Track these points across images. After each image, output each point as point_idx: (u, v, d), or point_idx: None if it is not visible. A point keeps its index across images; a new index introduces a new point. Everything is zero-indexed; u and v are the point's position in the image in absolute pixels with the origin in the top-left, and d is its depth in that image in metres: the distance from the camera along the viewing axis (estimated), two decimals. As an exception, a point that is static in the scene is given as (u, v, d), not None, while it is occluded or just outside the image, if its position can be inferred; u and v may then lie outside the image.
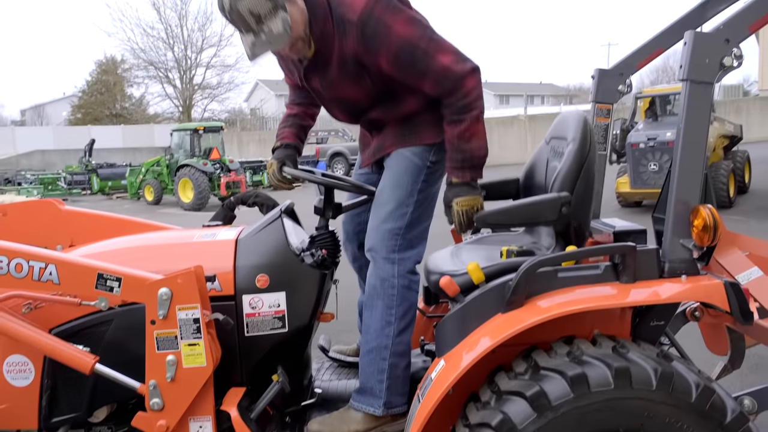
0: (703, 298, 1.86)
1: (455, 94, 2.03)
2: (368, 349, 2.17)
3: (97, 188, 20.95)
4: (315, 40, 2.09)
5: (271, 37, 1.96)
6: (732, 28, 1.85)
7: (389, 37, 1.98)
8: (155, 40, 37.43)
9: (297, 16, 2.01)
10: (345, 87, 2.16)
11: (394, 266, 2.15)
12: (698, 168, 1.89)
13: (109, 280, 1.95)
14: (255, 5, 1.91)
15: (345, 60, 2.07)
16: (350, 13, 1.99)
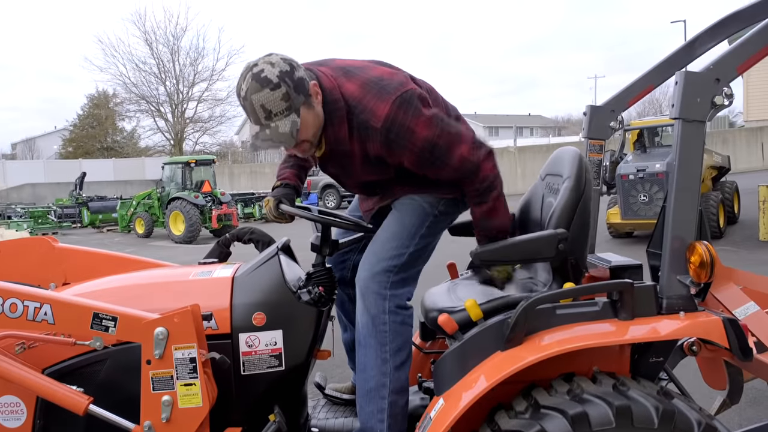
0: (702, 335, 1.87)
1: (475, 179, 2.12)
2: (367, 389, 2.14)
3: (88, 221, 20.86)
4: (327, 142, 2.13)
5: (275, 135, 1.97)
6: (721, 67, 1.89)
7: (411, 140, 2.03)
8: (147, 75, 37.72)
9: (309, 121, 2.03)
10: (367, 175, 2.24)
11: (385, 302, 2.13)
12: (693, 204, 1.91)
13: (105, 320, 1.93)
14: (269, 102, 1.92)
15: (368, 159, 2.13)
16: (374, 120, 2.01)
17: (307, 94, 1.99)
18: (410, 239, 2.20)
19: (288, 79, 1.93)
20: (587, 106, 2.79)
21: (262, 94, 1.91)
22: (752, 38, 1.91)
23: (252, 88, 1.92)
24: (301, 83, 1.97)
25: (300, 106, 1.97)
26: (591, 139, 2.77)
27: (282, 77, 1.92)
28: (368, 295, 2.16)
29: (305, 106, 1.99)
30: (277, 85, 1.91)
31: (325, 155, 2.16)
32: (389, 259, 2.18)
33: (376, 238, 2.27)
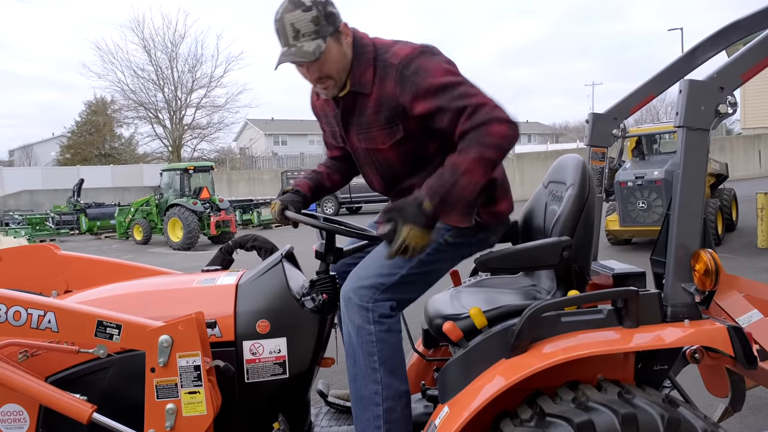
0: (706, 343, 1.87)
1: (478, 128, 1.92)
2: (359, 397, 2.09)
3: (86, 228, 20.83)
4: (353, 83, 2.13)
5: (299, 52, 2.01)
6: (726, 76, 1.90)
7: (426, 78, 2.00)
8: (145, 82, 37.69)
9: (334, 54, 2.06)
10: (377, 135, 2.15)
11: (369, 313, 2.07)
12: (697, 212, 1.92)
13: (109, 328, 1.93)
14: (299, 22, 2.00)
15: (381, 103, 2.09)
16: (393, 58, 2.06)
17: (336, 28, 2.06)
18: (406, 261, 2.05)
19: (321, 6, 2.03)
20: (589, 114, 2.80)
21: (294, 13, 2.00)
22: (756, 46, 1.91)
23: (286, 9, 2.02)
24: (332, 16, 2.06)
25: (328, 35, 2.03)
26: (593, 147, 2.78)
27: (315, 3, 2.02)
28: (350, 307, 2.10)
29: (333, 38, 2.05)
30: (309, 7, 2.00)
31: (348, 98, 2.16)
32: (377, 276, 2.10)
33: (373, 251, 2.22)
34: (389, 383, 2.06)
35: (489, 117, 1.93)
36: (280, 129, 57.90)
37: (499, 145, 1.92)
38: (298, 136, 57.48)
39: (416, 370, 2.70)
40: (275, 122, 58.09)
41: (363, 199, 22.99)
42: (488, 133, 1.91)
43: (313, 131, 56.88)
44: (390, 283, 2.10)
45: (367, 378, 2.06)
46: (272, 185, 30.26)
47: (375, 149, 2.20)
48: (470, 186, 1.91)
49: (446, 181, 1.90)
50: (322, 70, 2.07)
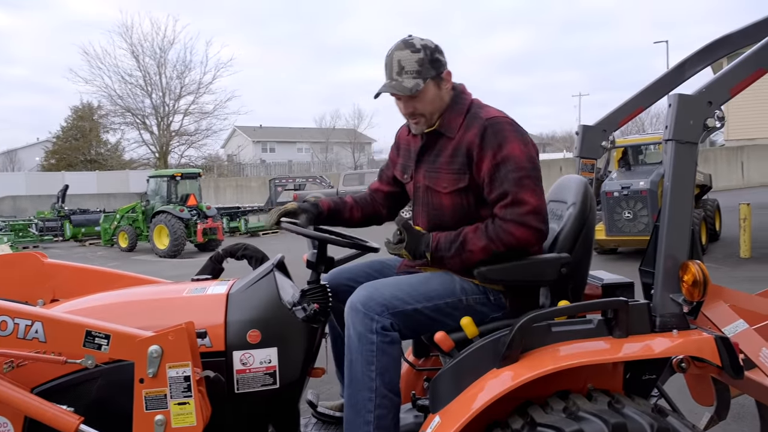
0: (695, 353, 1.89)
1: (506, 222, 2.07)
2: (353, 402, 2.11)
3: (70, 235, 20.61)
4: (441, 124, 2.26)
5: (398, 86, 2.18)
6: (714, 90, 1.93)
7: (502, 145, 2.11)
8: (133, 87, 37.46)
9: (430, 95, 2.22)
10: (444, 178, 2.23)
11: (372, 323, 2.09)
12: (686, 224, 1.94)
13: (98, 338, 1.91)
14: (405, 59, 2.18)
15: (459, 148, 2.20)
16: (484, 114, 2.19)
17: (439, 73, 2.22)
18: (425, 299, 2.13)
19: (428, 52, 2.20)
20: (580, 126, 2.84)
21: (403, 52, 2.19)
22: (744, 62, 1.95)
23: (398, 47, 2.21)
24: (438, 62, 2.23)
25: (428, 77, 2.19)
26: (583, 158, 2.81)
27: (424, 47, 2.20)
28: (355, 314, 2.12)
29: (433, 81, 2.21)
30: (417, 50, 2.18)
31: (431, 135, 2.29)
32: (392, 298, 2.11)
33: (393, 278, 2.26)
34: (383, 393, 2.07)
35: (521, 218, 2.07)
36: (269, 136, 57.82)
37: (513, 246, 2.08)
38: (287, 144, 57.44)
39: (407, 379, 2.69)
40: (263, 129, 58.00)
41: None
42: (510, 233, 2.07)
43: (301, 139, 56.94)
44: (401, 309, 2.12)
45: (362, 385, 2.07)
46: (260, 192, 30.18)
47: (435, 191, 2.28)
48: (466, 262, 2.14)
49: (450, 248, 2.15)
50: (416, 107, 2.23)
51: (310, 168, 42.69)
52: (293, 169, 41.29)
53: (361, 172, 26.46)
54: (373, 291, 2.13)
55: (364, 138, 53.77)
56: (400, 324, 2.11)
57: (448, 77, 2.26)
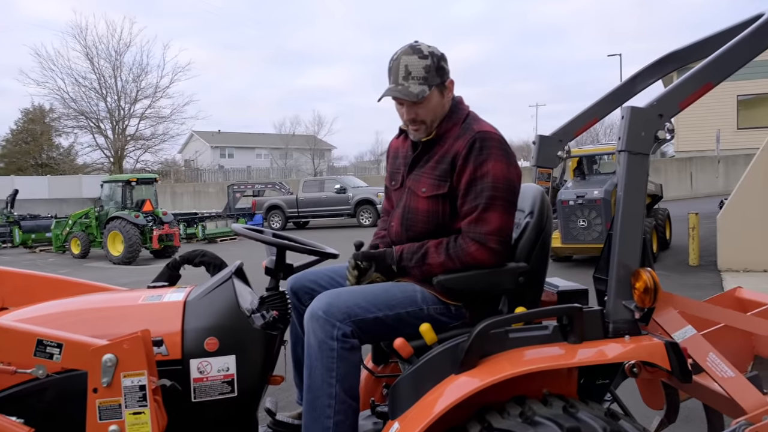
0: (646, 358, 1.94)
1: (467, 241, 2.14)
2: (311, 408, 2.09)
3: (20, 241, 19.92)
4: (438, 132, 2.29)
5: (404, 91, 2.19)
6: (664, 103, 2.00)
7: (484, 161, 2.15)
8: (87, 90, 36.51)
9: (434, 103, 2.25)
10: (425, 182, 2.27)
11: (333, 330, 2.08)
12: (638, 232, 2.00)
13: (50, 347, 1.86)
14: (412, 65, 2.19)
15: (446, 155, 2.23)
16: (477, 126, 2.23)
17: (443, 81, 2.25)
18: (387, 308, 2.14)
19: (435, 59, 2.22)
20: (537, 136, 2.90)
21: (411, 57, 2.19)
22: (693, 77, 2.02)
23: (405, 51, 2.21)
24: (443, 70, 2.24)
25: (434, 84, 2.21)
26: (539, 168, 2.87)
27: (431, 54, 2.21)
28: (316, 320, 2.10)
29: (437, 89, 2.23)
30: (425, 56, 2.20)
31: (427, 143, 2.31)
32: (354, 306, 2.11)
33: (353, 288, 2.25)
34: (342, 399, 2.07)
35: (481, 237, 2.13)
36: (227, 141, 57.14)
37: (469, 265, 2.15)
38: (246, 149, 56.85)
39: (366, 386, 2.69)
40: (222, 134, 57.29)
41: (310, 214, 22.88)
42: (469, 252, 2.14)
43: (260, 144, 56.43)
44: (362, 317, 2.11)
45: (321, 391, 2.06)
46: (218, 198, 29.77)
47: (414, 193, 2.31)
48: (426, 274, 2.21)
49: (412, 258, 2.22)
50: (419, 113, 2.24)
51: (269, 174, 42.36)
52: (252, 175, 40.85)
53: (320, 178, 26.37)
54: (334, 298, 2.13)
55: (324, 144, 53.64)
56: (361, 331, 2.11)
57: (450, 86, 2.30)
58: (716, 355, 2.22)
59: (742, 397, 2.15)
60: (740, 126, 27.47)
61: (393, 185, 2.48)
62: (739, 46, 2.03)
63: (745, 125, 27.28)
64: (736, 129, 27.41)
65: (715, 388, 2.42)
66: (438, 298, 2.20)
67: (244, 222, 20.82)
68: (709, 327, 2.76)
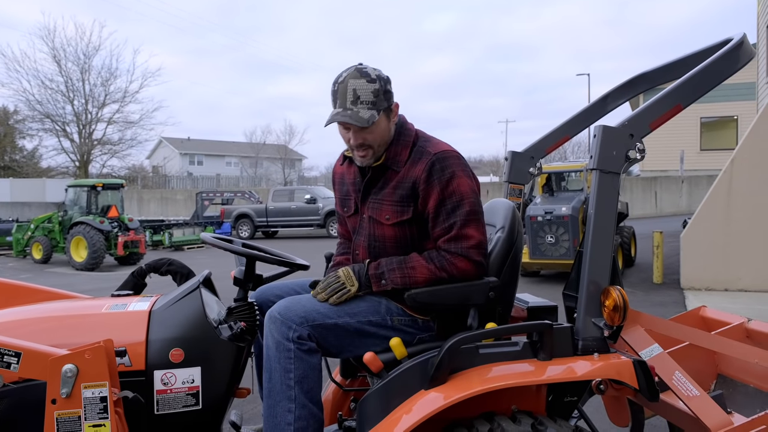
0: (614, 376, 1.96)
1: (450, 254, 2.12)
2: (271, 414, 2.04)
3: (-23, 245, 19.34)
4: (387, 158, 2.24)
5: (354, 116, 2.11)
6: (636, 124, 2.03)
7: (449, 181, 2.13)
8: (54, 93, 35.72)
9: (382, 127, 2.19)
10: (387, 209, 2.22)
11: (290, 332, 2.04)
12: (607, 251, 2.02)
13: (7, 356, 1.79)
14: (361, 89, 2.12)
15: (403, 181, 2.19)
16: (431, 148, 2.20)
17: (390, 105, 2.21)
18: (347, 315, 2.11)
19: (382, 83, 2.17)
20: (509, 152, 2.92)
21: (359, 81, 2.13)
22: (663, 98, 2.07)
23: (352, 75, 2.14)
24: (389, 94, 2.21)
25: (381, 109, 2.16)
26: (511, 183, 2.89)
27: (379, 78, 2.17)
28: (273, 323, 2.07)
29: (384, 114, 2.19)
30: (373, 80, 2.14)
31: (378, 169, 2.26)
32: (311, 311, 2.08)
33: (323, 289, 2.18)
34: (303, 403, 2.03)
35: (465, 252, 2.12)
36: (197, 149, 56.52)
37: (455, 276, 2.13)
38: (215, 157, 56.30)
39: (333, 400, 2.66)
40: (191, 141, 56.66)
41: (280, 223, 22.70)
42: (454, 264, 2.12)
43: (230, 152, 55.94)
44: (320, 323, 2.08)
45: (281, 395, 2.02)
46: (185, 205, 29.37)
47: (378, 222, 2.25)
48: (408, 285, 2.14)
49: (392, 262, 2.17)
50: (367, 138, 2.18)
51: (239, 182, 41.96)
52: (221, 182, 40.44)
53: (291, 188, 26.20)
54: (293, 303, 2.11)
55: (295, 154, 53.42)
56: (319, 337, 2.07)
57: (396, 109, 2.25)
58: (681, 373, 2.25)
59: (707, 416, 2.18)
60: (703, 147, 28.24)
61: (346, 212, 2.42)
62: (708, 70, 2.08)
63: (708, 147, 28.07)
64: (699, 150, 28.18)
65: (680, 406, 2.45)
66: (404, 310, 2.18)
67: (212, 230, 20.56)
68: (675, 345, 2.80)
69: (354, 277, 2.17)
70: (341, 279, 2.16)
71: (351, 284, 2.16)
